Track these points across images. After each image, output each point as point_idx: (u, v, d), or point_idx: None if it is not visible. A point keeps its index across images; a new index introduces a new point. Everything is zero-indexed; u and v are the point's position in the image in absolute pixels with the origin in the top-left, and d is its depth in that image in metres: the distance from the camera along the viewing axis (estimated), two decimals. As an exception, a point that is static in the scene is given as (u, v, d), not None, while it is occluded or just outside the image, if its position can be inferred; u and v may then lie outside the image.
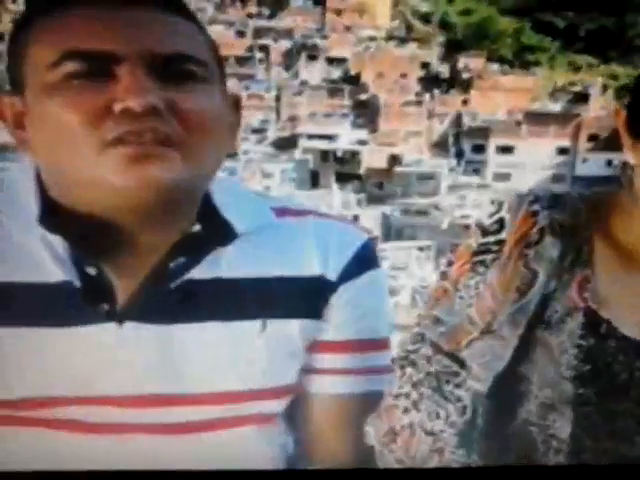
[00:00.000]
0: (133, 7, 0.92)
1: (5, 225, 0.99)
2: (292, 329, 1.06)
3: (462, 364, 1.14)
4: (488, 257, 1.11)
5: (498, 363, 1.11)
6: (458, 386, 1.14)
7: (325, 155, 49.63)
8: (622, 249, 1.09)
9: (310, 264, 1.07)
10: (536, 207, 1.10)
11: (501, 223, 1.11)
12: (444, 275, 1.17)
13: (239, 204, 1.05)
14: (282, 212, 1.10)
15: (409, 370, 1.18)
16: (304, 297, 1.07)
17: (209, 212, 1.02)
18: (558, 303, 1.08)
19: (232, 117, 1.03)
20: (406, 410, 1.17)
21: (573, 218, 1.10)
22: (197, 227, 1.01)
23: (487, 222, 1.13)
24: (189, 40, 0.96)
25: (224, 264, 1.02)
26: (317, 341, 1.10)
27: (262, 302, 1.04)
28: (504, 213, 1.12)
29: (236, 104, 1.05)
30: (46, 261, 0.97)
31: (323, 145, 50.41)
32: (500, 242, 1.11)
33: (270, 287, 1.04)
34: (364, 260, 1.11)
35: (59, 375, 0.99)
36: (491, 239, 1.11)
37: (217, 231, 1.01)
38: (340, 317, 1.10)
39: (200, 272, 1.01)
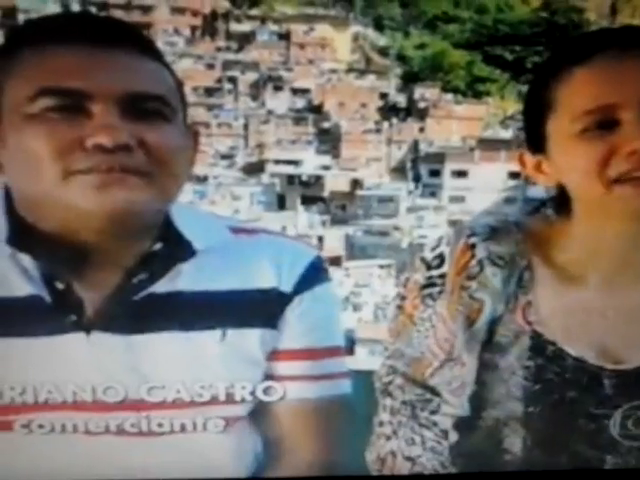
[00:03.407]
0: (110, 48, 0.95)
1: None
2: (251, 338, 1.08)
3: (433, 391, 1.15)
4: (435, 290, 1.13)
5: (467, 388, 1.11)
6: (433, 412, 1.15)
7: (291, 179, 49.49)
8: (561, 271, 1.09)
9: (264, 277, 1.09)
10: (473, 240, 1.11)
11: (442, 257, 1.12)
12: (401, 309, 1.18)
13: (197, 223, 1.08)
14: (237, 230, 1.12)
15: (388, 400, 1.20)
16: (260, 308, 1.09)
17: (170, 231, 1.04)
18: (506, 328, 1.09)
19: (191, 148, 1.06)
20: (388, 438, 1.19)
21: (510, 248, 1.10)
22: (159, 245, 1.03)
23: (429, 257, 1.13)
24: (159, 81, 1.00)
25: (184, 278, 1.04)
26: (276, 350, 1.13)
27: (221, 313, 1.05)
28: (444, 247, 1.13)
29: (195, 136, 1.08)
30: (14, 276, 0.99)
31: (289, 170, 50.27)
32: (443, 275, 1.12)
33: (228, 299, 1.06)
34: (316, 274, 1.14)
35: (29, 383, 1.00)
36: (434, 273, 1.13)
37: (178, 249, 1.04)
38: (295, 327, 1.11)
39: (161, 286, 1.03)
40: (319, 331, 1.16)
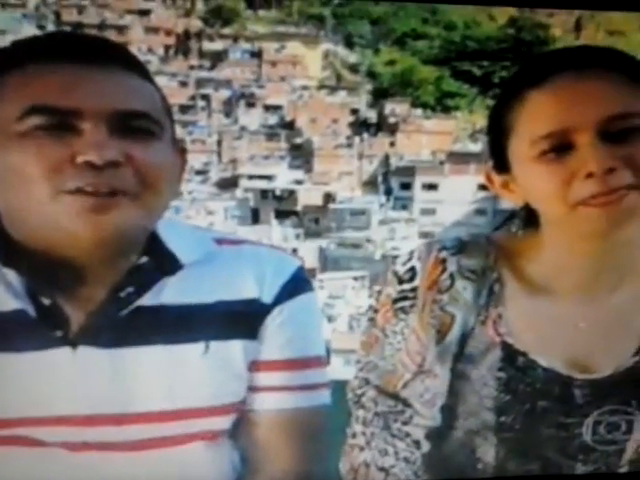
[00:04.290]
0: (97, 65, 0.95)
1: None
2: (234, 350, 1.07)
3: (405, 403, 1.14)
4: (406, 304, 1.12)
5: (438, 399, 1.11)
6: (405, 423, 1.15)
7: (264, 194, 49.55)
8: (531, 284, 1.10)
9: (247, 288, 1.08)
10: (444, 254, 1.11)
11: (413, 271, 1.12)
12: (373, 322, 1.18)
13: (182, 237, 1.08)
14: (221, 241, 1.12)
15: (360, 412, 1.19)
16: (242, 319, 1.08)
17: (156, 245, 1.04)
18: (477, 340, 1.09)
19: (179, 165, 1.06)
20: (361, 449, 1.18)
21: (481, 261, 1.11)
22: (144, 259, 1.02)
23: (401, 270, 1.13)
24: (147, 99, 0.99)
25: (169, 292, 1.04)
26: (257, 360, 1.11)
27: (204, 325, 1.05)
28: (415, 262, 1.13)
29: (182, 152, 1.07)
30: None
31: (262, 185, 50.38)
32: (415, 289, 1.12)
33: (211, 311, 1.05)
34: (297, 284, 1.12)
35: (16, 397, 0.99)
36: (406, 287, 1.13)
37: (164, 263, 1.03)
38: (276, 337, 1.10)
39: (147, 300, 1.02)
40: (299, 341, 1.14)
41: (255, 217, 47.82)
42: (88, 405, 1.01)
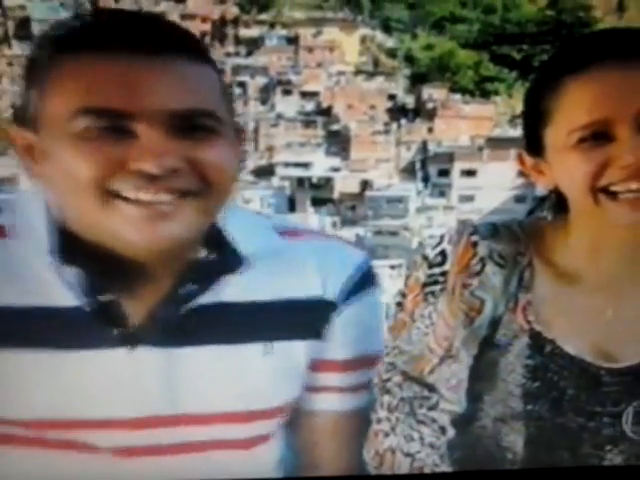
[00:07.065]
0: (157, 56, 0.87)
1: (18, 250, 0.96)
2: (296, 350, 1.05)
3: (431, 388, 1.13)
4: (436, 288, 1.10)
5: (464, 385, 1.09)
6: (431, 409, 1.13)
7: (301, 182, 49.65)
8: (561, 272, 1.08)
9: (311, 285, 1.06)
10: (475, 238, 1.09)
11: (444, 255, 1.10)
12: (401, 306, 1.16)
13: (244, 228, 1.02)
14: (283, 232, 1.08)
15: (386, 397, 1.17)
16: (306, 318, 1.05)
17: (216, 238, 0.99)
18: (505, 326, 1.08)
19: (239, 152, 0.99)
20: (386, 434, 1.16)
21: (512, 246, 1.09)
22: (206, 253, 0.99)
23: (431, 254, 1.11)
24: (208, 92, 0.91)
25: (230, 289, 1.00)
26: (319, 360, 1.08)
27: (266, 325, 1.02)
28: (445, 245, 1.11)
29: (239, 134, 1.01)
30: (57, 287, 0.94)
31: (299, 172, 50.48)
32: (445, 273, 1.10)
33: (274, 310, 1.02)
34: (363, 279, 1.10)
35: (70, 397, 0.96)
36: (436, 270, 1.11)
37: (226, 258, 0.99)
38: (341, 336, 1.08)
39: (208, 297, 0.99)
40: (363, 339, 1.13)
41: (291, 205, 47.91)
42: (144, 406, 0.98)
